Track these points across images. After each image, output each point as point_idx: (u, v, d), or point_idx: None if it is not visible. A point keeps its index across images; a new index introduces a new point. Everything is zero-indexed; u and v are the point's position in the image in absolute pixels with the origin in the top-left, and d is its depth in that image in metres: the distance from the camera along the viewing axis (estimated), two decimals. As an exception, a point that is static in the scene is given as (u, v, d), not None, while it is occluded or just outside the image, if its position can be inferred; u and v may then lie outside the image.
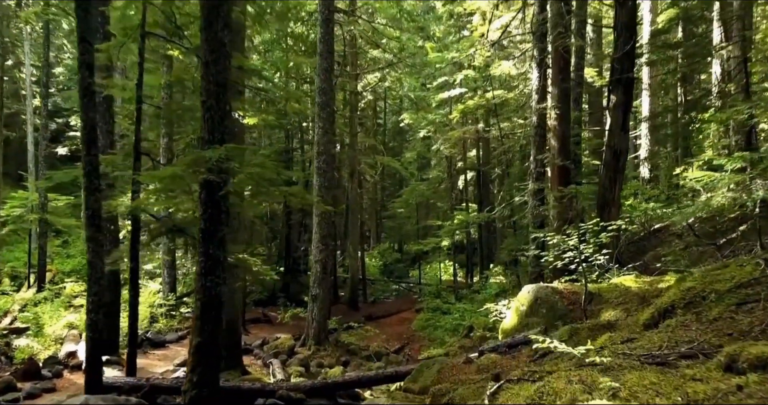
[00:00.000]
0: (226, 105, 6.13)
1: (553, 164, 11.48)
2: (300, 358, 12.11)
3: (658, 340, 3.86)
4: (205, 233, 5.97)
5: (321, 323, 13.34)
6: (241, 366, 10.60)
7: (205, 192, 5.93)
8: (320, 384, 7.63)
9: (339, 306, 20.61)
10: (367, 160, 25.37)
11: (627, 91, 11.43)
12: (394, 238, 35.70)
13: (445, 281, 24.89)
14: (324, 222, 13.36)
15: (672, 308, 4.72)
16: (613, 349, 3.92)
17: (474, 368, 6.35)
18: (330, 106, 13.69)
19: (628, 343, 4.12)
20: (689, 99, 22.08)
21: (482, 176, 23.96)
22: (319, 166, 13.33)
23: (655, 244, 13.97)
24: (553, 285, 7.74)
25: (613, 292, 7.26)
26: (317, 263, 13.36)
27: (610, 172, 11.39)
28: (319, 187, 13.29)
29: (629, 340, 4.18)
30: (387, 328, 17.48)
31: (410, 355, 14.28)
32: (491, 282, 16.40)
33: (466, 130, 21.96)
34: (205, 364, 5.82)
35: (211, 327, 5.90)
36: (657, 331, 4.27)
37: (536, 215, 11.92)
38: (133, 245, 8.01)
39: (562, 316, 7.23)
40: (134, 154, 8.08)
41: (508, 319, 8.09)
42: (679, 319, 4.33)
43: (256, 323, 16.71)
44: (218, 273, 5.99)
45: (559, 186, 11.29)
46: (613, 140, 11.35)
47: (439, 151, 25.14)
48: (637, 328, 5.07)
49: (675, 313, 4.64)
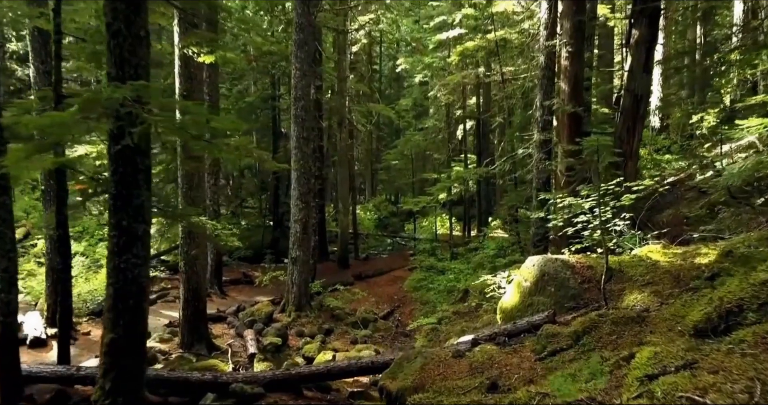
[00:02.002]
0: (141, 29, 4.60)
1: (562, 111, 9.95)
2: (277, 327, 10.97)
3: (741, 374, 2.55)
4: (117, 199, 4.58)
5: (301, 287, 12.17)
6: (206, 339, 9.47)
7: (114, 146, 4.50)
8: (282, 375, 6.44)
9: (328, 264, 19.49)
10: (359, 109, 23.69)
11: (652, 24, 9.77)
12: (390, 191, 34.36)
13: (442, 235, 23.72)
14: (303, 178, 11.95)
15: (739, 309, 3.39)
16: (669, 392, 2.59)
17: (465, 366, 5.10)
18: (309, 45, 11.99)
19: (689, 370, 2.80)
20: (708, 40, 20.27)
21: (482, 125, 22.32)
22: (296, 113, 11.78)
23: (671, 200, 12.55)
24: (563, 257, 6.42)
25: (637, 268, 5.95)
26: (297, 223, 12.05)
27: (629, 120, 9.90)
28: (297, 138, 11.79)
29: (690, 366, 2.84)
30: (377, 289, 16.38)
31: (400, 321, 13.20)
32: (489, 242, 15.15)
33: (466, 75, 20.17)
34: (122, 367, 4.56)
35: (130, 319, 4.61)
36: (727, 349, 2.95)
37: (541, 170, 10.48)
38: (59, 209, 6.65)
39: (574, 297, 5.95)
40: (54, 97, 6.57)
41: (508, 295, 6.82)
42: (757, 331, 3.00)
43: (236, 285, 15.58)
44: (136, 251, 4.64)
45: (569, 136, 9.81)
46: (634, 82, 9.79)
47: (436, 98, 23.38)
48: (685, 330, 3.76)
49: (745, 317, 3.31)
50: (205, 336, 9.48)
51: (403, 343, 11.33)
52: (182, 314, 9.25)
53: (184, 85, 8.86)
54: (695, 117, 19.20)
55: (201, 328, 9.39)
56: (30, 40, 9.75)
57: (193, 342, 9.19)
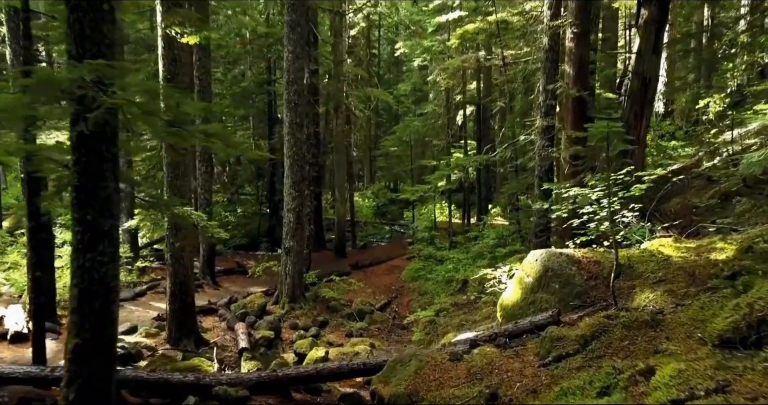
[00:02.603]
0: (104, 2, 4.14)
1: (567, 95, 9.48)
2: (270, 320, 10.61)
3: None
4: (80, 192, 4.16)
5: (295, 279, 11.79)
6: (195, 334, 9.11)
7: (75, 132, 4.07)
8: (269, 377, 6.07)
9: (325, 253, 19.13)
10: (357, 93, 23.15)
11: (662, 3, 9.27)
12: (389, 178, 33.89)
13: (441, 223, 23.32)
14: (296, 165, 11.50)
15: (773, 318, 2.99)
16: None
17: (463, 370, 4.72)
18: (302, 26, 11.46)
19: (721, 394, 2.41)
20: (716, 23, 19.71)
21: (482, 111, 21.82)
22: (289, 98, 11.28)
23: (678, 189, 12.12)
24: (568, 252, 6.02)
25: (647, 263, 5.55)
26: (290, 212, 11.62)
27: (636, 104, 9.43)
28: (289, 124, 11.32)
29: (722, 390, 2.45)
30: (374, 279, 16.03)
31: (397, 312, 12.86)
32: (488, 231, 14.73)
33: (466, 59, 19.60)
34: (89, 375, 4.17)
35: (96, 323, 4.22)
36: (764, 368, 2.56)
37: (544, 157, 10.03)
38: (29, 200, 6.25)
39: (579, 295, 5.56)
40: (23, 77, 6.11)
41: (509, 291, 6.43)
42: (798, 346, 2.61)
43: (230, 275, 15.21)
44: (103, 248, 4.23)
45: (574, 122, 9.37)
46: (642, 64, 9.31)
47: (436, 82, 22.82)
48: (708, 339, 3.37)
49: (780, 328, 2.92)
50: (194, 330, 9.12)
51: (400, 337, 11.00)
52: (169, 308, 8.89)
53: (167, 67, 8.38)
54: (702, 102, 18.70)
55: (189, 323, 9.02)
56: (5, 19, 9.27)
57: (180, 337, 8.83)
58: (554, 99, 10.09)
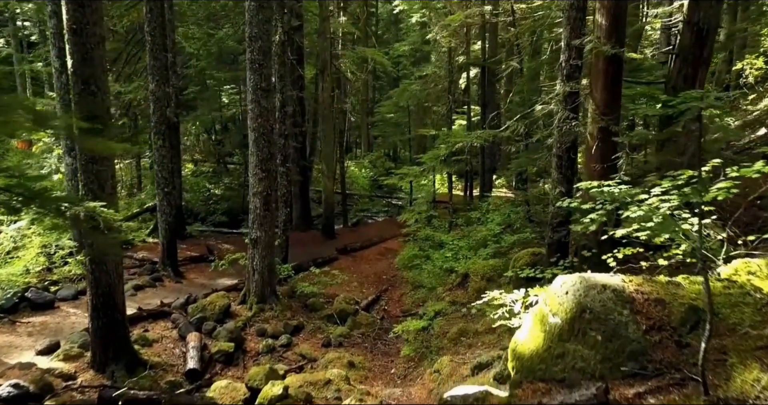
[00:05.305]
0: None
1: (598, 53, 7.37)
2: (230, 328, 8.82)
3: None
4: None
5: (264, 275, 9.97)
6: (128, 354, 7.31)
7: None
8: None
9: (311, 234, 17.29)
10: (349, 54, 20.87)
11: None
12: (388, 146, 31.76)
13: (441, 195, 21.39)
14: (264, 140, 9.50)
15: None
16: None
17: None
18: (268, -32, 9.27)
19: None
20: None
21: (487, 73, 19.52)
22: (252, 57, 9.19)
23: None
24: (614, 282, 4.08)
25: (741, 309, 3.66)
26: (256, 197, 9.69)
27: (687, 65, 7.37)
28: (253, 89, 9.26)
29: None
30: (364, 266, 14.24)
31: (386, 312, 11.10)
32: (493, 215, 12.77)
33: (469, 14, 17.26)
34: None
35: None
36: None
37: (566, 132, 7.95)
38: None
39: (636, 355, 3.67)
40: None
41: (526, 332, 4.53)
42: None
43: (198, 263, 13.34)
44: None
45: (606, 88, 7.31)
46: (698, 12, 7.19)
47: (436, 41, 20.46)
48: None
49: None
50: (127, 350, 7.32)
51: (388, 347, 9.25)
52: (92, 327, 7.08)
53: (72, 15, 6.32)
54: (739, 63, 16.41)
55: (119, 342, 7.22)
56: None
57: (107, 361, 7.05)
58: (580, 58, 7.96)
